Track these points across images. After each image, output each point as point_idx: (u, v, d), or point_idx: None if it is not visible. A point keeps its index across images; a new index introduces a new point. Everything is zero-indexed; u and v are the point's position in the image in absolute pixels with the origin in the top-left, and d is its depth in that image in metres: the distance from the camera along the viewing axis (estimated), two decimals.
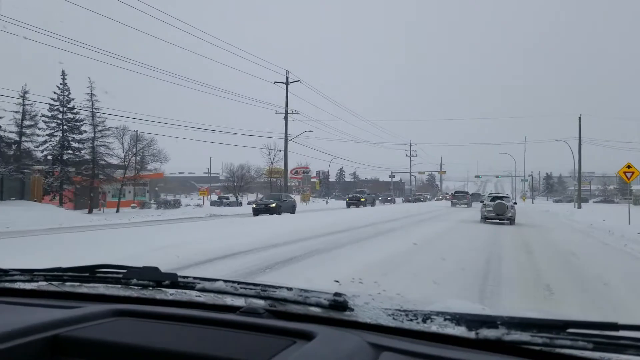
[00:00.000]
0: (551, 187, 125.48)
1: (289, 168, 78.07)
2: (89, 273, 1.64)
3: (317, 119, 55.71)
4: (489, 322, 1.14)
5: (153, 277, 1.55)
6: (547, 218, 29.62)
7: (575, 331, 1.07)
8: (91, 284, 1.62)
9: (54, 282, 1.64)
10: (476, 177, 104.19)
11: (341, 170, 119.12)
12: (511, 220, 21.71)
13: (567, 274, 8.53)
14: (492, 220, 22.44)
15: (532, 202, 78.10)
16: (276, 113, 40.94)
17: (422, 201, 73.74)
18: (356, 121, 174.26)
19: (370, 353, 1.05)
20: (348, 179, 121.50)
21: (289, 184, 71.77)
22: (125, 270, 1.59)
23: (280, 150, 53.63)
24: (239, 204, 56.21)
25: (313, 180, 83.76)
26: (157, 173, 51.67)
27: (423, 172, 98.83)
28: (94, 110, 36.37)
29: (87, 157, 36.88)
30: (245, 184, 60.52)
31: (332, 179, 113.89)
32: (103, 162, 37.49)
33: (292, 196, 38.10)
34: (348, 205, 46.60)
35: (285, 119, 40.40)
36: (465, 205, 46.31)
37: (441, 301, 1.40)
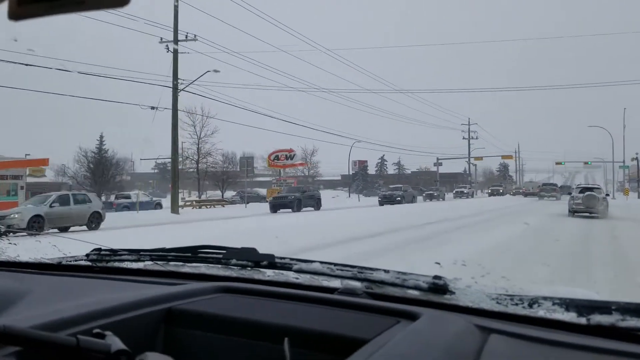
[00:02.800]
0: None
1: (270, 151, 59.07)
2: (191, 253, 1.72)
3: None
4: (601, 307, 1.10)
5: (251, 257, 1.60)
6: None
7: None
8: (193, 264, 1.70)
9: (159, 262, 1.72)
10: (557, 164, 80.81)
11: (382, 160, 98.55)
12: (603, 214, 19.83)
13: None
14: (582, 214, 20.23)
15: (639, 197, 54.95)
16: (161, 42, 23.69)
17: (397, 201, 35.98)
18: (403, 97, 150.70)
19: (478, 335, 1.03)
20: (391, 170, 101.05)
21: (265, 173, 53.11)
22: (225, 251, 1.65)
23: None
24: (158, 205, 36.43)
25: (300, 167, 64.15)
26: (37, 159, 33.48)
27: (481, 158, 76.11)
28: None
29: None
30: (111, 179, 41.98)
31: (372, 170, 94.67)
32: None
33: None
34: None
35: (175, 41, 22.95)
36: (554, 199, 42.92)
37: (548, 286, 1.33)
